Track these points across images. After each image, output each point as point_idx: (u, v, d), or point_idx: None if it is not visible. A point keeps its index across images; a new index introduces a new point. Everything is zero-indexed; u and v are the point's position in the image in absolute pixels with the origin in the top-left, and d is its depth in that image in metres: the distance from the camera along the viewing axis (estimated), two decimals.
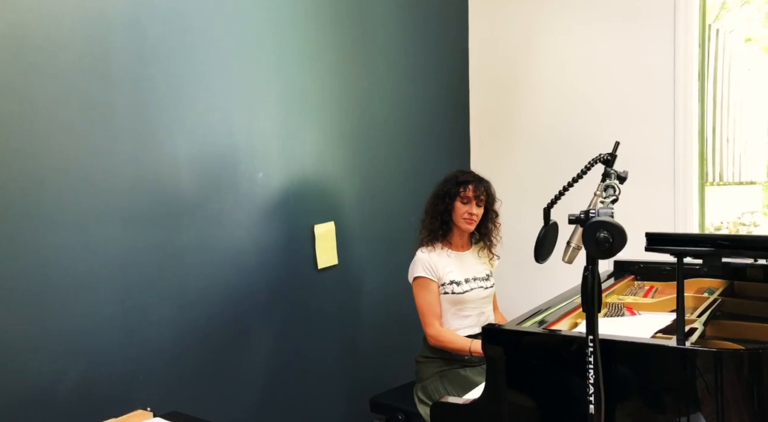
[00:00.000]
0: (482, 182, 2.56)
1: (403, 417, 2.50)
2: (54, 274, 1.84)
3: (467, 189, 2.52)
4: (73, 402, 1.86)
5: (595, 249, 1.40)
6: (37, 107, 1.81)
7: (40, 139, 1.82)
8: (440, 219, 2.53)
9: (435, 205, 2.55)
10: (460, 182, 2.52)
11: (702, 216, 2.87)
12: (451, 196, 2.51)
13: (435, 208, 2.54)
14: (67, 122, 1.88)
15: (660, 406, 1.54)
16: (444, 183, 2.57)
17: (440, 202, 2.52)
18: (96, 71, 1.94)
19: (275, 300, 2.50)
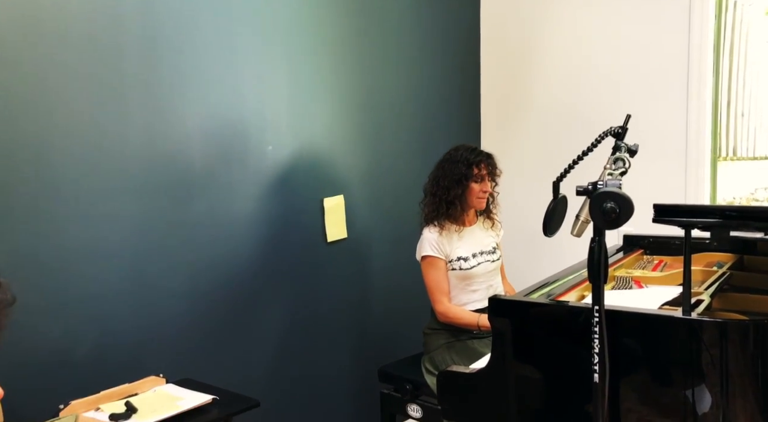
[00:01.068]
0: (490, 157, 2.55)
1: (411, 387, 2.54)
2: (68, 244, 1.88)
3: (480, 168, 2.50)
4: (89, 367, 1.91)
5: (601, 219, 1.40)
6: (49, 83, 1.83)
7: (53, 113, 1.84)
8: (446, 201, 2.51)
9: (448, 189, 2.49)
10: (473, 163, 2.49)
11: (714, 192, 2.85)
12: (467, 178, 2.48)
13: (447, 192, 2.49)
14: (78, 96, 1.89)
15: (665, 377, 1.55)
16: (454, 164, 2.50)
17: (455, 186, 2.49)
18: (106, 45, 1.95)
19: (285, 272, 2.53)
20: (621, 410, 1.58)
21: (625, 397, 1.57)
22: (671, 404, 1.52)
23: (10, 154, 1.76)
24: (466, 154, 2.52)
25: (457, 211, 2.52)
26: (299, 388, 2.59)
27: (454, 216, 2.54)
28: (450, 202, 2.50)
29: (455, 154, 2.53)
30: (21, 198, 1.78)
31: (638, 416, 1.55)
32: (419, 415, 2.53)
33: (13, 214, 1.77)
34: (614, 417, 1.59)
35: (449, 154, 2.56)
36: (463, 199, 2.51)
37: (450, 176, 2.50)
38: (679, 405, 1.51)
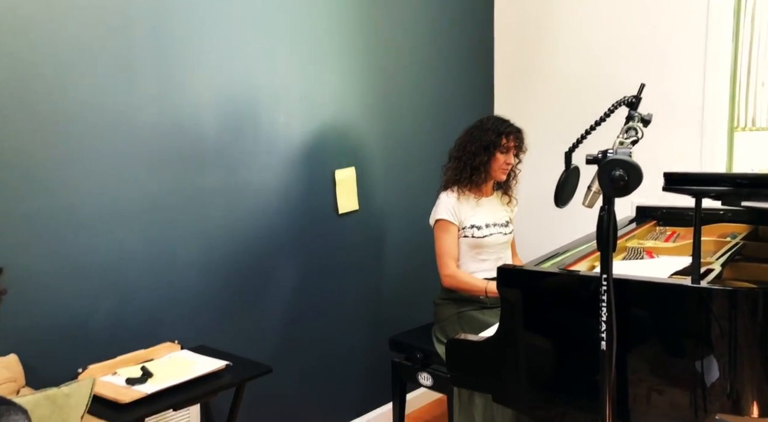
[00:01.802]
0: (520, 131, 2.55)
1: (422, 356, 2.57)
2: (83, 215, 1.91)
3: (509, 139, 2.50)
4: (105, 333, 1.96)
5: (610, 187, 1.39)
6: (61, 53, 1.84)
7: (65, 84, 1.86)
8: (471, 167, 2.52)
9: (474, 155, 2.50)
10: (503, 132, 2.49)
11: (730, 163, 2.80)
12: (495, 146, 2.48)
13: (473, 157, 2.50)
14: (91, 68, 1.91)
15: (673, 346, 1.55)
16: (484, 132, 2.50)
17: (482, 152, 2.48)
18: (117, 17, 1.95)
19: (297, 243, 2.56)
20: (629, 380, 1.59)
21: (633, 367, 1.57)
22: (679, 374, 1.52)
23: (26, 125, 1.78)
24: (498, 124, 2.52)
25: (480, 178, 2.53)
26: (311, 356, 2.64)
27: (476, 182, 2.54)
28: (475, 167, 2.51)
29: (486, 122, 2.54)
30: (38, 168, 1.81)
31: (646, 386, 1.56)
32: (430, 383, 2.56)
33: (30, 184, 1.80)
34: (622, 387, 1.60)
35: (480, 121, 2.57)
36: (488, 167, 2.51)
37: (478, 142, 2.50)
38: (687, 375, 1.51)
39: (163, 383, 1.76)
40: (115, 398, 1.67)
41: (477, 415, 2.36)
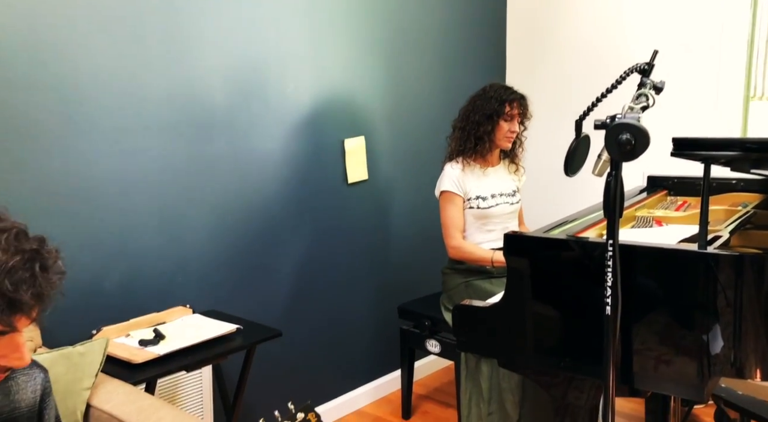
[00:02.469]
0: (524, 98, 2.52)
1: (429, 323, 2.60)
2: (95, 180, 1.94)
3: (513, 106, 2.47)
4: (118, 297, 2.00)
5: (617, 151, 1.38)
6: (74, 24, 1.85)
7: (77, 52, 1.87)
8: (475, 137, 2.50)
9: (477, 124, 2.48)
10: (506, 100, 2.46)
11: (744, 132, 2.76)
12: (498, 115, 2.46)
13: (476, 127, 2.48)
14: (101, 37, 1.91)
15: (679, 314, 1.54)
16: (487, 101, 2.47)
17: (485, 122, 2.46)
18: None
19: (306, 212, 2.57)
20: (633, 346, 1.60)
21: (638, 333, 1.58)
22: (684, 342, 1.52)
23: (39, 93, 1.80)
24: (501, 91, 2.49)
25: (484, 148, 2.51)
26: (321, 323, 2.68)
27: (480, 153, 2.53)
28: (479, 137, 2.49)
29: (489, 90, 2.51)
30: (50, 135, 1.83)
31: (650, 352, 1.57)
32: (437, 350, 2.60)
33: (42, 152, 1.83)
34: (627, 352, 1.61)
35: (483, 90, 2.54)
36: (492, 137, 2.50)
37: (481, 111, 2.48)
38: (691, 343, 1.51)
39: (175, 345, 1.80)
40: (128, 358, 1.72)
41: (483, 382, 2.40)
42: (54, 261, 0.93)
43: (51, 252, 0.93)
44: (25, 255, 0.88)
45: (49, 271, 0.91)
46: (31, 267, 0.88)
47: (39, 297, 0.88)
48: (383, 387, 2.95)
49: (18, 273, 0.86)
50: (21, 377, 1.08)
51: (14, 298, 0.85)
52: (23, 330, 0.91)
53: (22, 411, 1.07)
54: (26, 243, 0.90)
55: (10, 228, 0.90)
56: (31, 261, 0.88)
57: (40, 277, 0.88)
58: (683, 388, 1.55)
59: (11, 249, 0.87)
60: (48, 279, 0.90)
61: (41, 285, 0.88)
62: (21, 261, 0.87)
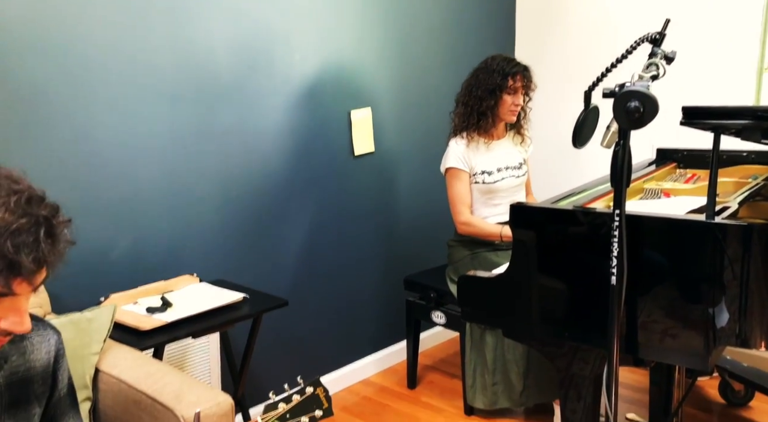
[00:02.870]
0: (527, 69, 2.48)
1: (435, 295, 2.61)
2: (103, 150, 1.94)
3: (516, 79, 2.43)
4: (126, 265, 2.02)
5: (624, 119, 1.36)
6: None
7: (82, 22, 1.85)
8: (478, 112, 2.47)
9: (480, 99, 2.45)
10: (508, 73, 2.42)
11: (757, 104, 2.71)
12: (501, 89, 2.42)
13: (479, 102, 2.45)
14: (106, 4, 1.90)
15: (685, 285, 1.53)
16: (489, 74, 2.44)
17: (488, 96, 2.43)
18: None
19: (313, 183, 2.57)
20: (638, 316, 1.60)
21: (643, 306, 1.58)
22: (689, 314, 1.52)
23: (45, 63, 1.80)
24: (503, 64, 2.45)
25: (488, 123, 2.49)
26: (327, 294, 2.70)
27: (484, 128, 2.50)
28: (482, 112, 2.47)
29: (491, 63, 2.47)
30: (56, 104, 1.83)
31: (655, 322, 1.57)
32: (443, 321, 2.61)
33: (48, 121, 1.83)
34: (631, 322, 1.62)
35: (485, 62, 2.50)
36: (495, 111, 2.47)
37: (484, 86, 2.45)
38: (697, 316, 1.51)
39: (183, 312, 1.82)
40: (136, 325, 1.74)
41: (488, 353, 2.42)
42: (62, 229, 0.92)
43: (61, 221, 0.92)
44: (32, 219, 0.87)
45: (56, 239, 0.90)
46: (36, 232, 0.87)
47: (40, 262, 0.87)
48: (389, 357, 2.98)
49: (21, 236, 0.85)
50: (36, 337, 1.10)
51: (14, 260, 0.85)
52: (27, 296, 0.91)
53: (37, 370, 1.09)
54: (36, 208, 0.89)
55: (23, 190, 0.89)
56: (37, 226, 0.88)
57: (44, 243, 0.87)
58: (687, 358, 1.56)
59: (19, 211, 0.86)
60: (53, 246, 0.89)
61: (44, 251, 0.87)
62: (26, 225, 0.86)
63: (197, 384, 1.44)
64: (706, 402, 2.58)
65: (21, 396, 1.06)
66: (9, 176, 0.91)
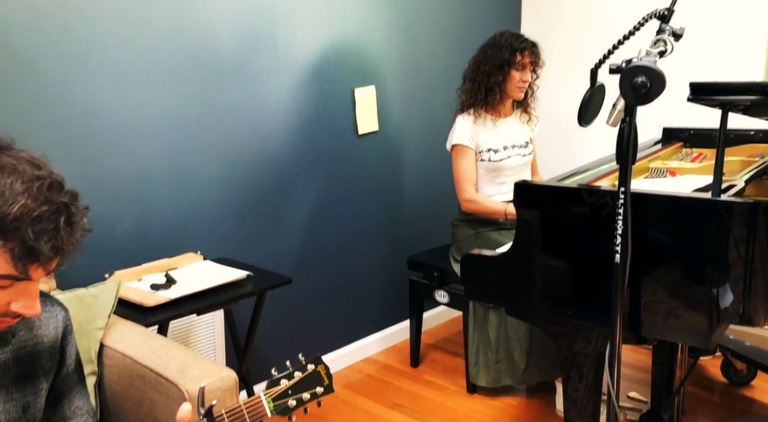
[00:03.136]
0: (535, 45, 2.45)
1: (439, 275, 2.61)
2: (105, 128, 1.94)
3: (524, 55, 2.41)
4: (130, 242, 2.02)
5: (631, 95, 1.34)
6: None
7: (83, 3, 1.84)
8: (486, 88, 2.46)
9: (488, 75, 2.43)
10: (517, 49, 2.40)
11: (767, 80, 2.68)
12: (509, 65, 2.40)
13: (487, 78, 2.43)
14: None
15: (690, 263, 1.53)
16: (497, 50, 2.42)
17: (496, 72, 2.42)
18: None
19: (316, 162, 2.56)
20: (642, 295, 1.60)
21: (647, 284, 1.57)
22: (693, 294, 1.51)
23: (42, 37, 1.78)
24: (511, 40, 2.42)
25: (495, 100, 2.47)
26: (331, 273, 2.70)
27: (491, 104, 2.49)
28: (489, 88, 2.45)
29: (500, 39, 2.45)
30: (55, 80, 1.82)
31: (662, 305, 1.56)
32: (446, 300, 2.62)
33: (52, 97, 1.82)
34: (635, 304, 1.61)
35: (494, 38, 2.48)
36: (503, 88, 2.45)
37: (492, 61, 2.43)
38: (701, 296, 1.50)
39: (187, 289, 1.83)
40: (140, 301, 1.75)
41: (491, 331, 2.42)
42: (81, 217, 0.93)
43: (80, 209, 0.93)
44: (53, 206, 0.88)
45: (74, 227, 0.91)
46: (56, 220, 0.88)
47: (58, 250, 0.88)
48: (392, 336, 3.00)
49: (42, 223, 0.86)
50: (43, 313, 1.10)
51: (33, 247, 0.85)
52: (39, 280, 0.91)
53: (45, 346, 1.09)
54: (57, 196, 0.90)
55: (46, 177, 0.90)
56: (58, 214, 0.88)
57: (63, 231, 0.88)
58: (690, 336, 1.56)
59: (41, 198, 0.87)
60: (71, 234, 0.90)
61: (63, 239, 0.88)
62: (48, 212, 0.87)
63: (201, 359, 1.45)
64: (708, 381, 2.59)
65: (29, 371, 1.07)
66: (31, 160, 0.91)
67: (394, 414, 2.41)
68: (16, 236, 0.84)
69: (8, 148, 0.92)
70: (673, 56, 1.64)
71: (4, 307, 0.90)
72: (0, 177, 0.86)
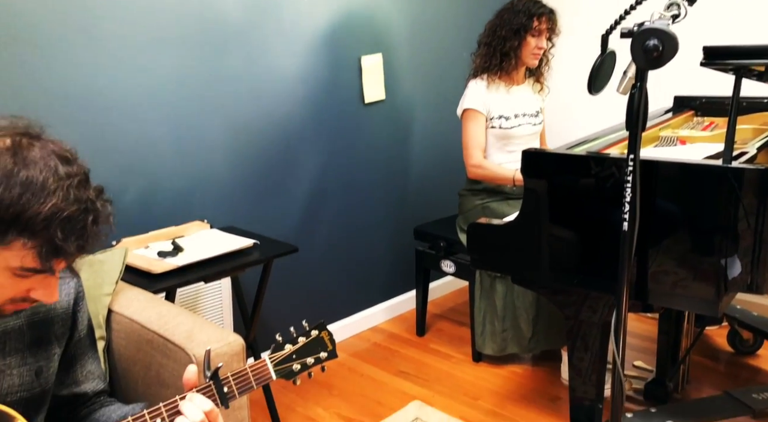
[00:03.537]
0: (553, 12, 2.41)
1: (445, 245, 2.61)
2: (109, 96, 1.92)
3: (541, 21, 2.38)
4: (137, 211, 2.03)
5: (642, 58, 1.31)
6: None
7: None
8: (501, 53, 2.42)
9: (504, 40, 2.40)
10: (534, 14, 2.37)
11: None
12: (526, 30, 2.37)
13: (503, 42, 2.40)
14: None
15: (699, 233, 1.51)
16: (515, 14, 2.39)
17: (512, 37, 2.38)
18: None
19: (322, 131, 2.55)
20: (649, 266, 1.59)
21: (655, 252, 1.56)
22: (702, 263, 1.50)
23: (50, 8, 1.76)
24: (529, 5, 2.39)
25: (510, 65, 2.44)
26: (337, 242, 2.70)
27: (506, 69, 2.46)
28: (505, 53, 2.42)
29: (517, 4, 2.41)
30: (62, 50, 1.81)
31: (670, 274, 1.55)
32: (452, 270, 2.62)
33: (55, 64, 1.80)
34: (642, 272, 1.60)
35: (511, 3, 2.45)
36: (518, 53, 2.42)
37: (508, 26, 2.39)
38: (709, 266, 1.49)
39: (194, 257, 1.83)
40: (147, 268, 1.76)
41: (498, 300, 2.43)
42: (107, 215, 0.93)
43: (105, 205, 0.93)
44: (82, 205, 0.88)
45: (99, 225, 0.91)
46: (84, 219, 0.88)
47: (83, 248, 0.89)
48: (398, 306, 3.01)
49: (71, 223, 0.86)
50: None
51: (60, 246, 0.86)
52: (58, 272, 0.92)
53: (57, 312, 1.11)
54: (85, 193, 0.90)
55: (75, 174, 0.90)
56: (86, 213, 0.88)
57: (90, 230, 0.89)
58: (698, 304, 1.55)
59: (71, 197, 0.87)
60: (96, 232, 0.91)
61: (88, 238, 0.89)
62: (77, 212, 0.87)
63: (208, 324, 1.46)
64: (714, 351, 2.60)
65: (42, 336, 1.08)
66: (60, 155, 0.90)
67: (400, 381, 2.44)
68: (44, 235, 0.85)
69: (38, 137, 0.91)
70: (686, 22, 1.60)
71: (23, 293, 0.91)
72: (32, 173, 0.85)
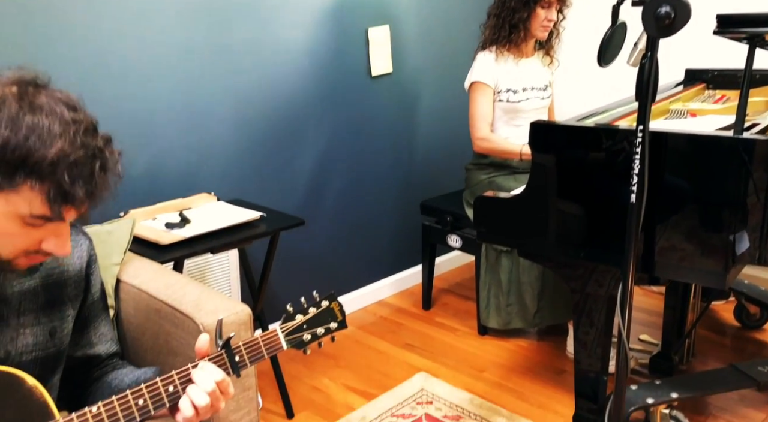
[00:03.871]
0: None
1: (451, 219, 2.61)
2: (114, 66, 1.91)
3: None
4: (144, 182, 2.03)
5: (653, 26, 1.29)
6: None
7: None
8: (510, 25, 2.39)
9: (513, 11, 2.37)
10: None
11: None
12: (535, 2, 2.34)
13: (512, 14, 2.37)
14: None
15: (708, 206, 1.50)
16: None
17: (522, 8, 2.35)
18: None
19: (329, 104, 2.53)
20: (657, 239, 1.58)
21: (663, 225, 1.55)
22: (711, 237, 1.49)
23: None
24: None
25: (519, 37, 2.41)
26: (344, 216, 2.71)
27: (515, 42, 2.43)
28: (514, 25, 2.39)
29: None
30: (70, 23, 1.79)
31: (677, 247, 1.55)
32: (459, 244, 2.63)
33: (63, 39, 1.79)
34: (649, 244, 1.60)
35: None
36: (527, 25, 2.39)
37: None
38: (717, 239, 1.48)
39: (201, 228, 1.84)
40: (155, 239, 1.76)
41: (503, 275, 2.43)
42: (115, 163, 0.94)
43: (114, 154, 0.94)
44: (89, 151, 0.88)
45: (108, 173, 0.92)
46: (92, 165, 0.88)
47: (91, 195, 0.89)
48: (405, 280, 3.03)
49: (78, 167, 0.87)
50: None
51: (68, 191, 0.86)
52: (69, 221, 0.93)
53: (70, 274, 1.12)
54: (93, 140, 0.90)
55: (82, 120, 0.90)
56: (93, 159, 0.89)
57: (98, 176, 0.89)
58: (705, 276, 1.55)
59: (78, 142, 0.87)
60: (105, 179, 0.91)
61: (96, 184, 0.89)
62: (84, 157, 0.87)
63: (216, 294, 1.47)
64: (720, 325, 2.60)
65: (56, 297, 1.10)
66: (68, 102, 0.91)
67: (406, 353, 2.46)
68: (52, 179, 0.85)
69: (45, 86, 0.92)
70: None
71: (36, 245, 0.92)
72: (38, 118, 0.86)
